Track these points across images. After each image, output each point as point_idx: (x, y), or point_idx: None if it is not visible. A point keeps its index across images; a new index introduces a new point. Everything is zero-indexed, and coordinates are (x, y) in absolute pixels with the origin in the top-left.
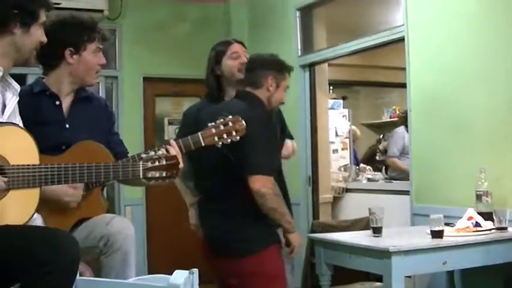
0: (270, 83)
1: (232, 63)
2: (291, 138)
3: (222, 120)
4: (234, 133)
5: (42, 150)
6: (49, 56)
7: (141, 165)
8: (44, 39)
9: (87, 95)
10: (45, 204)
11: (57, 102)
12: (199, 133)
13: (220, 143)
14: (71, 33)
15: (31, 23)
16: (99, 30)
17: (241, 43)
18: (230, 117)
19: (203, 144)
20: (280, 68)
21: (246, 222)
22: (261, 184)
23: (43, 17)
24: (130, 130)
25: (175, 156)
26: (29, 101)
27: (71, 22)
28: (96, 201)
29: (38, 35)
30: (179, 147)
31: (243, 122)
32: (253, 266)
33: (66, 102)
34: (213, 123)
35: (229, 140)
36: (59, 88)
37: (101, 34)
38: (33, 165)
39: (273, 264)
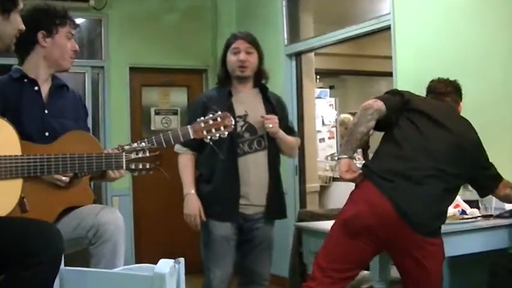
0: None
1: (232, 58)
2: (293, 132)
3: (211, 115)
4: (222, 128)
5: (26, 136)
6: (23, 41)
7: (124, 157)
8: (23, 27)
9: (63, 84)
10: (32, 191)
11: (36, 88)
12: (188, 126)
13: (209, 137)
14: (43, 17)
15: (11, 10)
16: (70, 17)
17: (247, 38)
18: (219, 112)
19: (192, 137)
20: (461, 92)
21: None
22: (508, 188)
23: (21, 3)
24: (117, 120)
25: (158, 148)
26: (10, 87)
27: (42, 7)
28: (84, 190)
29: (17, 21)
30: (168, 138)
31: (231, 118)
32: (439, 245)
33: (44, 89)
34: (203, 118)
35: (217, 135)
36: (36, 74)
37: (72, 21)
38: (15, 156)
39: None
